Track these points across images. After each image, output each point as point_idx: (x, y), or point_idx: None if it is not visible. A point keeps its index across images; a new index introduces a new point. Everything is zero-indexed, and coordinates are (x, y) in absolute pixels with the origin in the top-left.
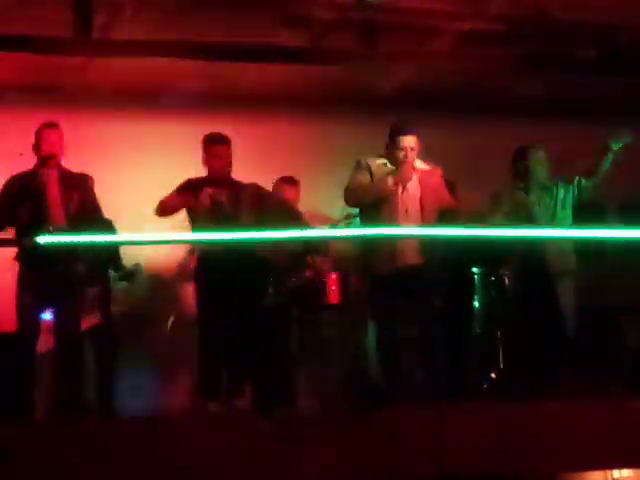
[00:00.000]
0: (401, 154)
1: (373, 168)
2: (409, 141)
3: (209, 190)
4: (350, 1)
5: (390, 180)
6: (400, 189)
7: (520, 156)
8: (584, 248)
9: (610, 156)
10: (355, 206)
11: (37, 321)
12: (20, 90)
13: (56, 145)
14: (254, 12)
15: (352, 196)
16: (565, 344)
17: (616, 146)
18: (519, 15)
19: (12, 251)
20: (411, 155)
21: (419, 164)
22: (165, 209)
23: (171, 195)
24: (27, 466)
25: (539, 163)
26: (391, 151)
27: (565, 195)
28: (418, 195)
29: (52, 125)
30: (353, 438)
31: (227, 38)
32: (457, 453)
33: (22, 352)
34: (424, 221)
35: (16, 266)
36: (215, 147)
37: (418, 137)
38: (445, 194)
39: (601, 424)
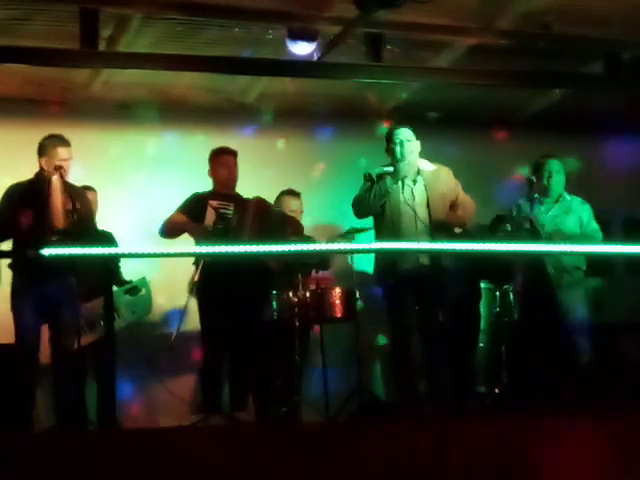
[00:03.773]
0: (397, 147)
1: (375, 177)
2: (403, 134)
3: (214, 203)
4: (356, 15)
5: (388, 179)
6: (402, 189)
7: (537, 166)
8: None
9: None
10: (363, 216)
11: (36, 332)
12: (26, 102)
13: (68, 158)
14: (260, 26)
15: (357, 207)
16: (570, 359)
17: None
18: (525, 30)
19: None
20: (408, 147)
21: (425, 165)
22: (171, 231)
23: (176, 214)
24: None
25: (556, 173)
26: (389, 152)
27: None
28: (425, 198)
29: (65, 141)
30: (355, 451)
31: (233, 51)
32: (460, 468)
33: (21, 364)
34: (433, 225)
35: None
36: (222, 157)
37: (415, 135)
38: (457, 192)
39: (603, 440)
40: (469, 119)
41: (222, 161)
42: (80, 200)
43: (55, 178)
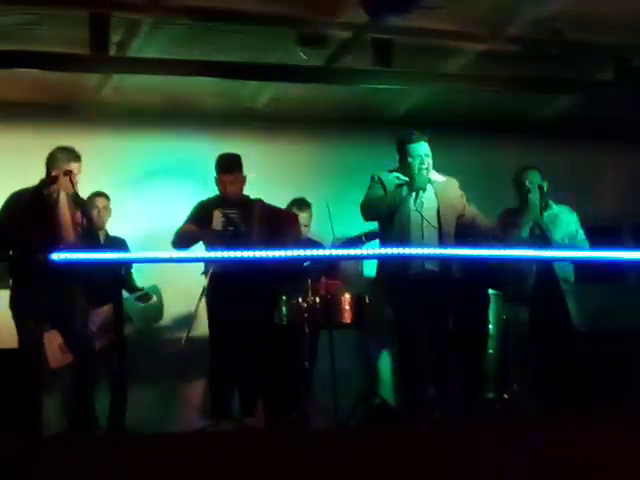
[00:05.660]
0: (416, 161)
1: (385, 182)
2: (422, 149)
3: (221, 211)
4: (366, 21)
5: (404, 189)
6: (414, 199)
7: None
8: (600, 270)
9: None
10: (371, 220)
11: (38, 337)
12: (36, 107)
13: (78, 172)
14: (270, 31)
15: (367, 210)
16: (577, 365)
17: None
18: (535, 36)
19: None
20: (426, 162)
21: (435, 175)
22: (183, 241)
23: (186, 226)
24: None
25: (533, 185)
26: (403, 162)
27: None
28: (435, 206)
29: (77, 155)
30: (365, 456)
31: (243, 57)
32: (470, 473)
33: (25, 369)
34: (442, 233)
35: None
36: (226, 176)
37: (430, 144)
38: (463, 203)
39: (612, 445)
40: (477, 125)
41: (225, 180)
42: (86, 212)
43: (63, 194)
